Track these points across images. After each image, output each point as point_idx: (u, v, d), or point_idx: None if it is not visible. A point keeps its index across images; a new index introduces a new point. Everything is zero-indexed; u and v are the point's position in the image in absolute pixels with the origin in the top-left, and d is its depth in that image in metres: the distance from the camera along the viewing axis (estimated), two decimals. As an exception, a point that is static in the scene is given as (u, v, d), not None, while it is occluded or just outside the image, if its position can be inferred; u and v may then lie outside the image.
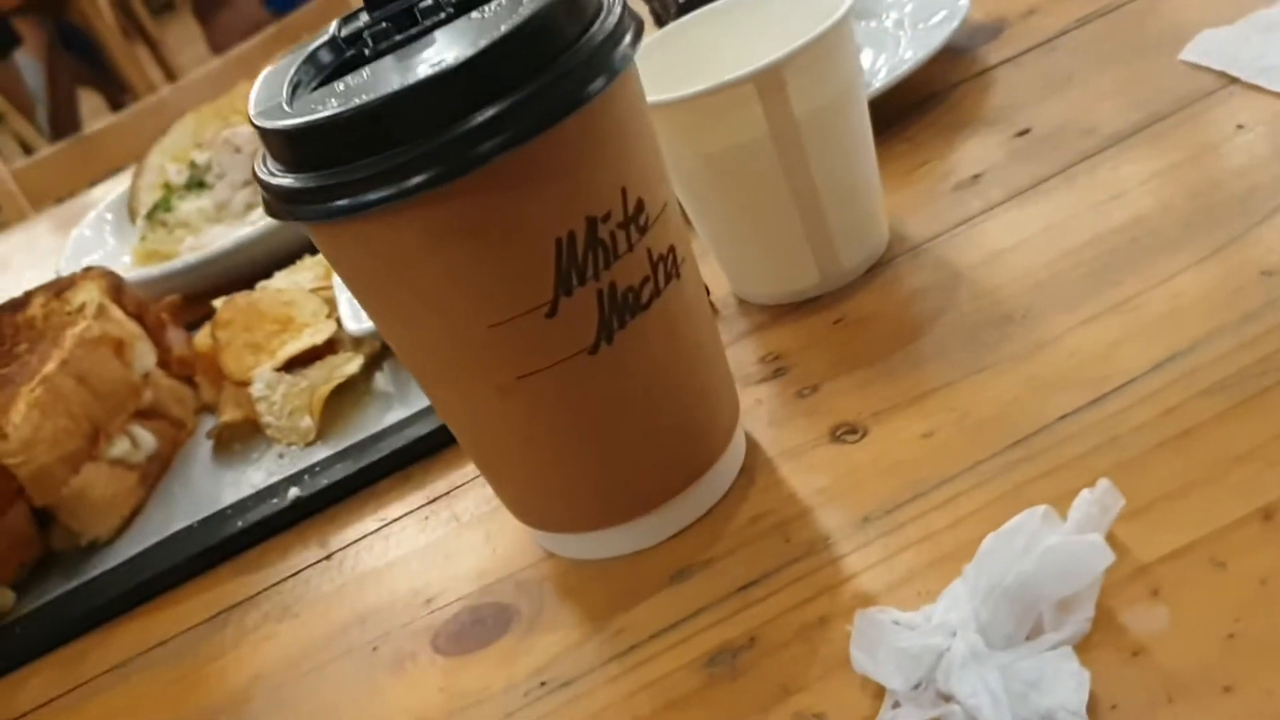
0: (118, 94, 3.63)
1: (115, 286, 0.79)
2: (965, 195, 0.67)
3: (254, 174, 0.48)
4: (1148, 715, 0.37)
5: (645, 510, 0.51)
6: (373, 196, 0.43)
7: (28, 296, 0.81)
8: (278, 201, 0.46)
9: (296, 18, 1.93)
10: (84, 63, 3.70)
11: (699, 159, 0.60)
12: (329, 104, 0.44)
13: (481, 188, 0.44)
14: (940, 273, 0.61)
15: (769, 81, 0.57)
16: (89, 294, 0.78)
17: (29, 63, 3.34)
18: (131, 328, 0.76)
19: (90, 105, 3.74)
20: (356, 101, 0.43)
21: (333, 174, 0.43)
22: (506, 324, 0.46)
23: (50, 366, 0.70)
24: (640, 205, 0.47)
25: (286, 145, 0.45)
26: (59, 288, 0.80)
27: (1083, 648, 0.39)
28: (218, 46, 3.13)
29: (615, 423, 0.49)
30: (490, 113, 0.42)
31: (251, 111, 0.47)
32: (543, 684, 0.48)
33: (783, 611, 0.46)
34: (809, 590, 0.46)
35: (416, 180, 0.42)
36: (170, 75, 3.73)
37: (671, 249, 0.49)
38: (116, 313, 0.76)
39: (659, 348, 0.49)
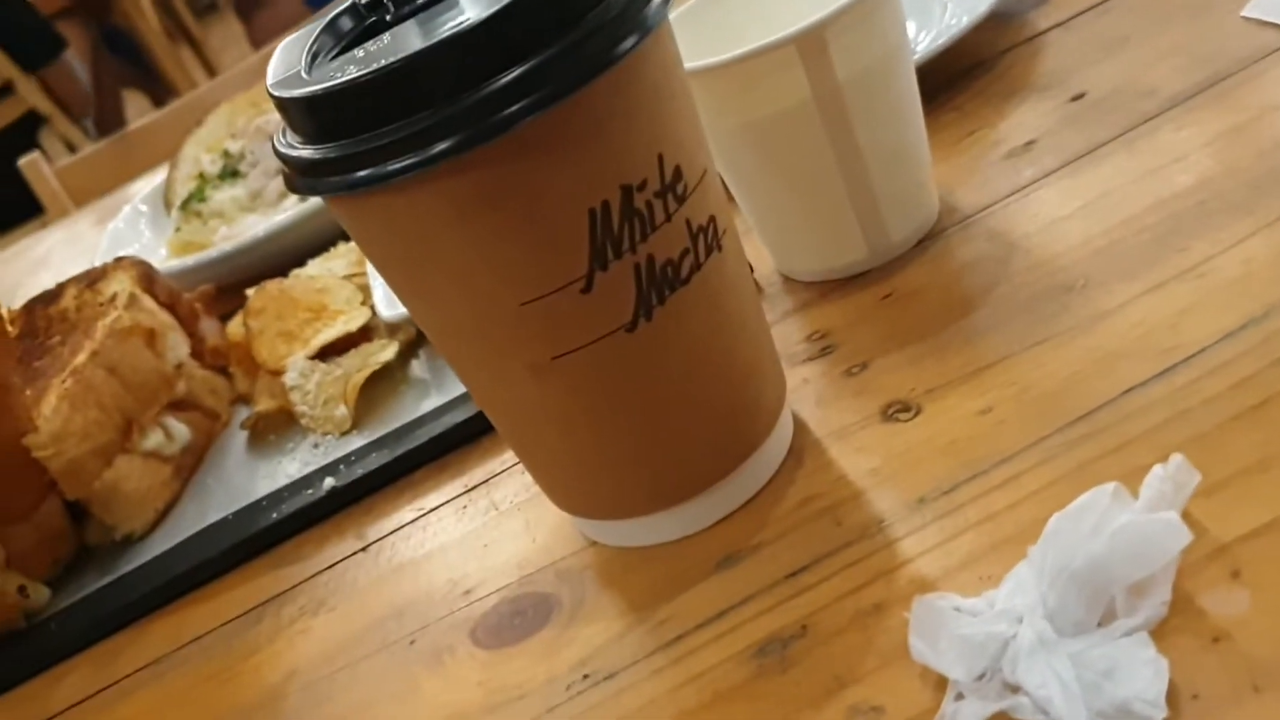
0: (162, 95, 3.65)
1: (147, 276, 0.77)
2: (1018, 163, 0.64)
3: (273, 147, 0.46)
4: (1232, 705, 0.34)
5: (689, 495, 0.49)
6: (394, 166, 0.41)
7: (60, 288, 0.80)
8: (297, 174, 0.44)
9: (335, 12, 1.91)
10: (128, 65, 3.72)
11: (739, 128, 0.58)
12: (348, 70, 0.42)
13: (508, 155, 0.41)
14: (993, 243, 0.59)
15: (811, 43, 0.55)
16: (120, 284, 0.77)
17: (74, 65, 3.36)
18: (163, 318, 0.75)
19: (135, 107, 3.76)
20: (375, 66, 0.41)
21: (352, 143, 0.41)
22: (539, 301, 0.44)
23: (80, 358, 0.69)
24: (678, 172, 0.45)
25: (304, 114, 0.43)
26: (91, 278, 0.79)
27: (1159, 634, 0.37)
28: (260, 45, 3.14)
29: (656, 403, 0.47)
30: (515, 74, 0.40)
31: (269, 81, 0.45)
32: (585, 676, 0.46)
33: (835, 599, 0.44)
34: (863, 576, 0.44)
35: (440, 147, 0.40)
36: (214, 75, 3.74)
37: (712, 219, 0.47)
38: (148, 302, 0.75)
39: (700, 324, 0.47)
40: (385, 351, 0.70)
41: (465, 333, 0.46)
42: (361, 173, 0.42)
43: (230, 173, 1.03)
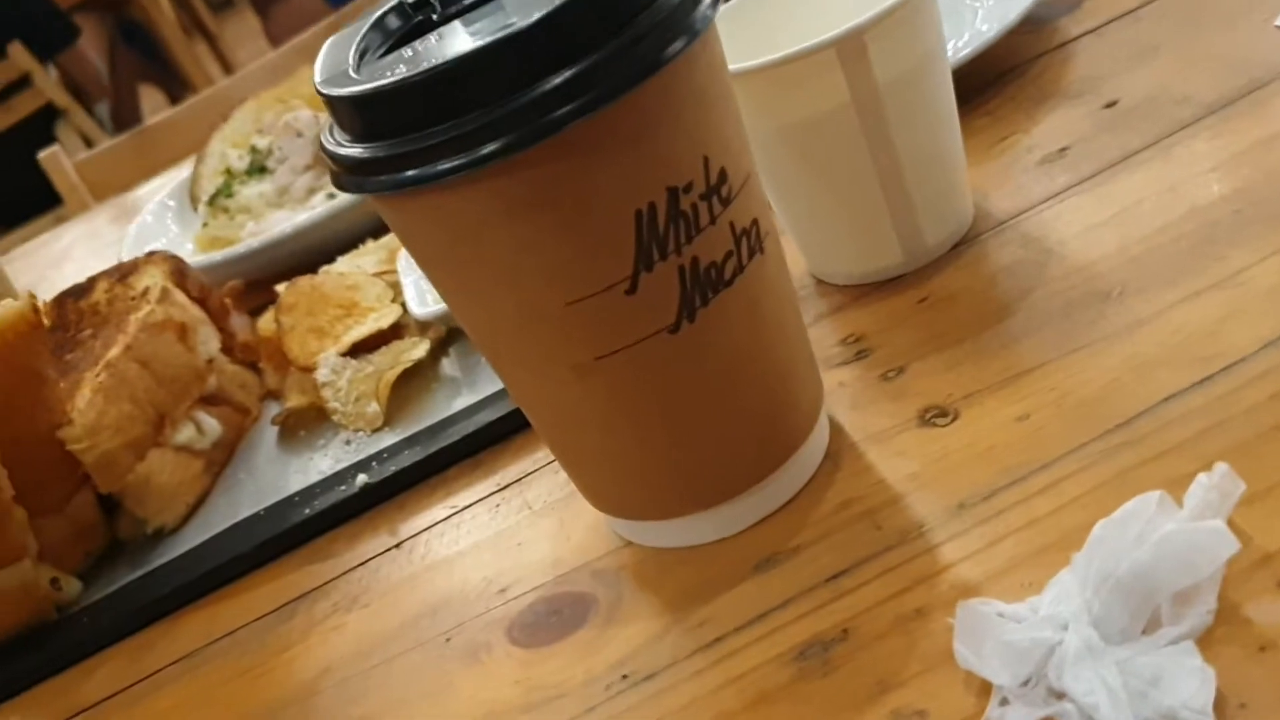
0: (178, 90, 3.66)
1: (178, 271, 0.78)
2: (1052, 169, 0.64)
3: (320, 144, 0.46)
4: (1280, 715, 0.35)
5: (727, 497, 0.49)
6: (443, 166, 0.41)
7: (91, 282, 0.80)
8: (344, 173, 0.44)
9: (354, 9, 1.92)
10: (145, 59, 3.73)
11: (777, 130, 0.58)
12: (396, 69, 0.42)
13: (556, 156, 0.42)
14: (1029, 249, 0.59)
15: (851, 47, 0.55)
16: (152, 278, 0.77)
17: (89, 52, 3.37)
18: (195, 312, 0.75)
19: (151, 101, 3.77)
20: (425, 66, 0.41)
21: (401, 143, 0.42)
22: (584, 301, 0.44)
23: (114, 351, 0.69)
24: (723, 175, 0.45)
25: (353, 113, 0.43)
26: (122, 272, 0.79)
27: (1205, 643, 0.37)
28: (276, 40, 3.14)
29: (697, 405, 0.47)
30: (564, 76, 0.40)
31: (317, 79, 0.46)
32: (624, 677, 0.46)
33: (876, 603, 0.44)
34: (904, 580, 0.44)
35: (489, 148, 0.41)
36: (229, 71, 3.76)
37: (755, 222, 0.47)
38: (180, 297, 0.75)
39: (742, 326, 0.47)
40: (417, 349, 0.70)
41: (509, 331, 0.46)
42: (409, 172, 0.42)
43: (258, 169, 1.03)
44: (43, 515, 0.64)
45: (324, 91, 0.44)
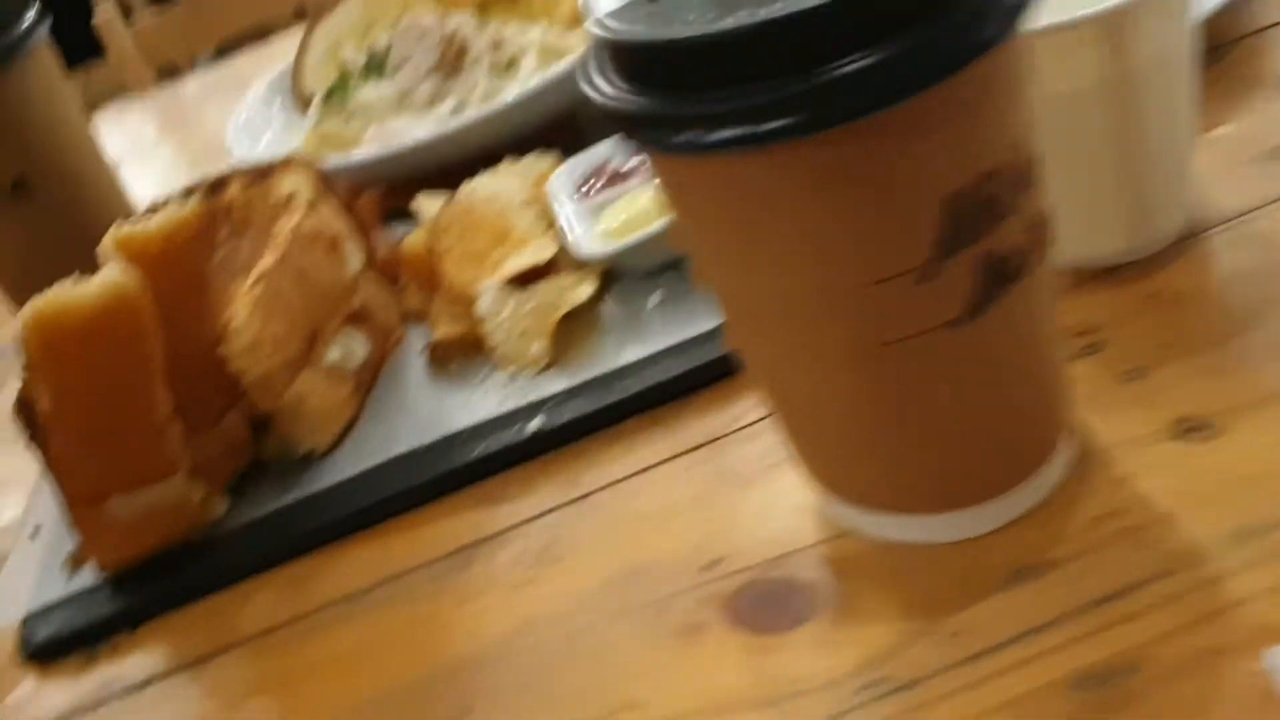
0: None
1: (324, 178, 0.74)
2: (1268, 167, 0.61)
3: (582, 84, 0.43)
4: None
5: (980, 498, 0.46)
6: (738, 133, 0.38)
7: (224, 180, 0.76)
8: (619, 123, 0.41)
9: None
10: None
11: (1020, 105, 0.55)
12: (702, 18, 0.38)
13: (875, 132, 0.39)
14: (1266, 253, 0.56)
15: (1111, 25, 0.52)
16: (294, 184, 0.73)
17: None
18: (341, 225, 0.72)
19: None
20: (735, 22, 0.37)
21: (716, 98, 0.38)
22: (874, 285, 0.41)
23: (267, 262, 0.66)
24: (1029, 162, 0.43)
25: (637, 60, 0.40)
26: (260, 173, 0.75)
27: None
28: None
29: (969, 401, 0.44)
30: (885, 53, 0.37)
31: (595, 17, 0.42)
32: (876, 682, 0.44)
33: (1162, 635, 0.41)
34: (1189, 614, 0.41)
35: (813, 116, 0.38)
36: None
37: (1043, 213, 0.44)
38: (328, 207, 0.72)
39: (1023, 323, 0.44)
40: (582, 287, 0.67)
41: (783, 309, 0.43)
42: (723, 133, 0.39)
43: (376, 68, 0.99)
44: (197, 431, 0.61)
45: (600, 31, 0.41)
